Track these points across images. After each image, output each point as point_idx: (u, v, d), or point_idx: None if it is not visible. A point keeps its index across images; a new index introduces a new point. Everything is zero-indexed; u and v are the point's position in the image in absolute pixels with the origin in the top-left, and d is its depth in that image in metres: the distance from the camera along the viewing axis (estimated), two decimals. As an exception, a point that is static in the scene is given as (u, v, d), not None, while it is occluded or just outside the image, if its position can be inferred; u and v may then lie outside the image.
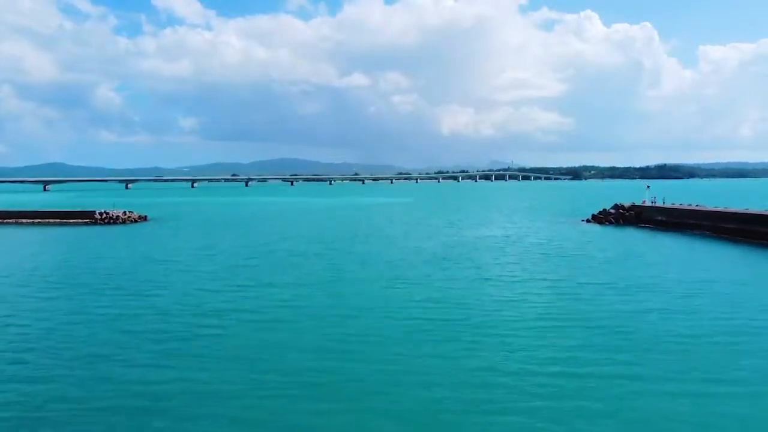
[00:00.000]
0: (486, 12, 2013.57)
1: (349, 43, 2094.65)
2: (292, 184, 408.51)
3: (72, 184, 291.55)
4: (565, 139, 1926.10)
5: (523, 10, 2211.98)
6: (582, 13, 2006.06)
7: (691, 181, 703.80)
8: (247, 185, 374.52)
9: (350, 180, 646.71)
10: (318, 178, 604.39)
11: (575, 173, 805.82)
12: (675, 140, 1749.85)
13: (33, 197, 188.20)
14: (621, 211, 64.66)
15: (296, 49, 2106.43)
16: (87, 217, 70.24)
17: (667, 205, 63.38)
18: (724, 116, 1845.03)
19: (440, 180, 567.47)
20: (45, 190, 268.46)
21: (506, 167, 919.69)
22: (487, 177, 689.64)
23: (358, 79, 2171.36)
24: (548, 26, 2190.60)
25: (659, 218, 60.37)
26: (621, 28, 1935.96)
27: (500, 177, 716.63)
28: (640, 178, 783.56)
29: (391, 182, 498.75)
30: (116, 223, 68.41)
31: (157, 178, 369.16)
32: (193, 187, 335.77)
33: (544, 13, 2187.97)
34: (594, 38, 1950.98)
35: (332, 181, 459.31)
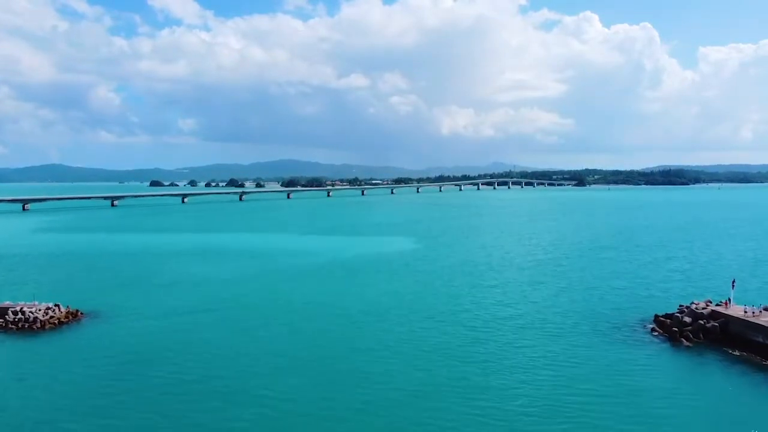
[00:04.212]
0: (485, 12, 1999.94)
1: (347, 44, 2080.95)
2: (288, 197, 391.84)
3: (54, 203, 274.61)
4: (565, 140, 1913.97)
5: (523, 10, 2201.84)
6: (581, 14, 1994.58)
7: (698, 188, 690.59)
8: (241, 199, 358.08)
9: (349, 185, 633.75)
10: (316, 186, 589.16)
11: (579, 178, 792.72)
12: (676, 142, 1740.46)
13: (5, 224, 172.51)
14: (700, 322, 48.37)
15: (294, 50, 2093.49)
16: (-2, 316, 54.16)
17: None
18: (725, 118, 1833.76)
19: (441, 189, 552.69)
20: (24, 209, 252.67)
21: (508, 171, 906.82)
22: (489, 183, 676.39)
23: (357, 80, 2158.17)
24: (548, 27, 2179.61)
25: (759, 340, 44.19)
26: (621, 29, 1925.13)
27: (503, 183, 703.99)
28: (645, 183, 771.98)
29: (392, 192, 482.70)
30: (33, 330, 52.22)
31: (146, 194, 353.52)
32: (183, 202, 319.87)
33: (545, 13, 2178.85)
34: (594, 39, 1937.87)
35: (330, 192, 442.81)
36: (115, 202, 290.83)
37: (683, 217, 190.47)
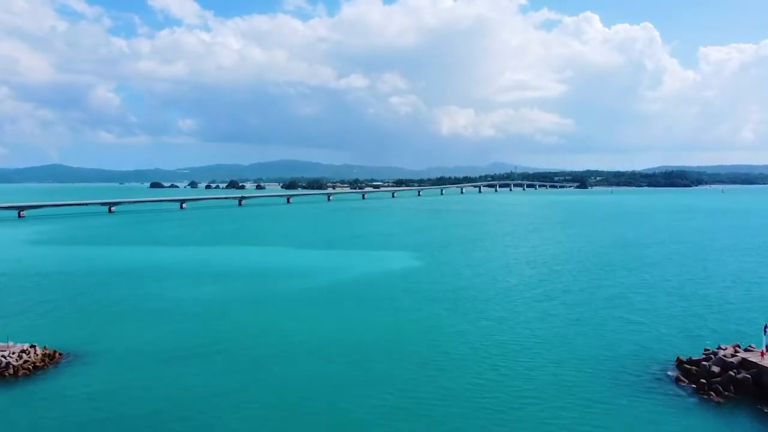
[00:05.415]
0: (485, 12, 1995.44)
1: (347, 44, 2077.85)
2: (288, 201, 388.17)
3: (50, 209, 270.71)
4: (565, 140, 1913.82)
5: (523, 10, 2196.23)
6: (582, 14, 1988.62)
7: (701, 190, 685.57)
8: (240, 204, 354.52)
9: (350, 187, 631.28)
10: (317, 188, 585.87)
11: (581, 180, 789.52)
12: (677, 142, 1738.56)
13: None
14: (730, 373, 44.21)
15: (294, 50, 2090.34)
16: (-34, 361, 50.11)
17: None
18: (726, 118, 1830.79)
19: (443, 192, 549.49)
20: (20, 216, 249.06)
21: (509, 172, 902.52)
22: (490, 185, 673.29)
23: (357, 81, 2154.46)
24: (548, 27, 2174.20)
25: (797, 398, 40.05)
26: (622, 29, 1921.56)
27: (504, 185, 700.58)
28: (647, 185, 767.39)
29: (393, 196, 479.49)
30: (4, 377, 48.23)
31: (144, 200, 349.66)
32: (182, 207, 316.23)
33: (545, 13, 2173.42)
34: (594, 39, 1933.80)
35: (331, 197, 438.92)
36: (113, 208, 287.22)
37: (691, 225, 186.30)
